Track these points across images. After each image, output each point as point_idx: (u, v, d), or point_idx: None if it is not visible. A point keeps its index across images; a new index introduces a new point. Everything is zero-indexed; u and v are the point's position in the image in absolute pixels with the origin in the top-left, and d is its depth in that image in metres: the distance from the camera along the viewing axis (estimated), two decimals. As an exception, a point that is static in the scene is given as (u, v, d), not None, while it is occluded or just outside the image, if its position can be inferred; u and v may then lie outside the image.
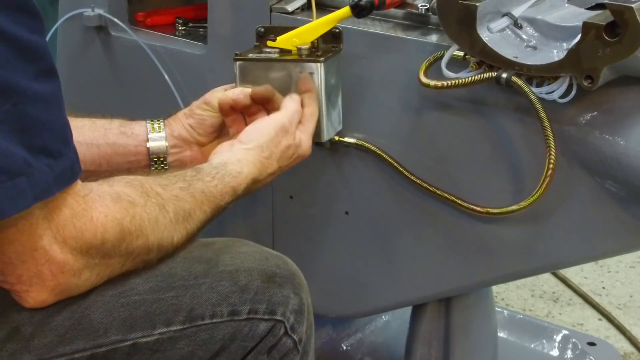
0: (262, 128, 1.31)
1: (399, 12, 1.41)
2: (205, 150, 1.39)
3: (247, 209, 1.62)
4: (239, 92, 1.35)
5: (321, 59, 1.35)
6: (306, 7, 1.46)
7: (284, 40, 1.37)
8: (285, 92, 1.36)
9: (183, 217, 1.14)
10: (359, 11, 1.32)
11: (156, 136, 1.37)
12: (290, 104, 1.33)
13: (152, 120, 1.39)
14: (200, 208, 1.17)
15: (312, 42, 1.36)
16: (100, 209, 1.03)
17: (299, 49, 1.36)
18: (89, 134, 1.37)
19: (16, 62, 0.93)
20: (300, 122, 1.34)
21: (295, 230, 1.58)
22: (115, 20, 1.64)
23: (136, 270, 1.11)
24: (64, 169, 0.99)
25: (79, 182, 1.03)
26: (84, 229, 1.02)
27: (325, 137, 1.39)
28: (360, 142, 1.44)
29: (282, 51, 1.37)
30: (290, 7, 1.45)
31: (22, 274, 1.01)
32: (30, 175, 0.95)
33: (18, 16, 0.93)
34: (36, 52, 0.95)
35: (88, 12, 1.66)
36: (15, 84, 0.93)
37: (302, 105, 1.35)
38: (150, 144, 1.37)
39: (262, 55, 1.37)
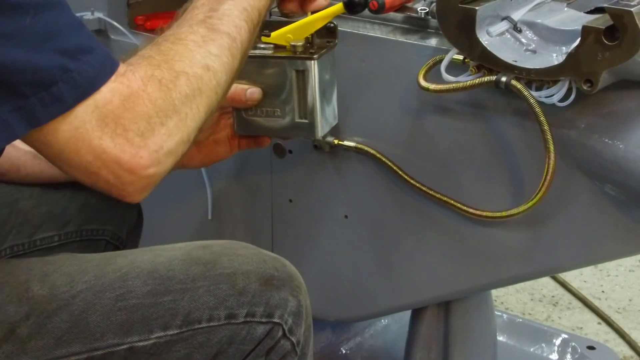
0: None
1: (399, 15, 1.41)
2: (201, 146, 1.40)
3: (247, 212, 1.62)
4: (232, 89, 1.35)
5: (315, 56, 1.34)
6: (305, 10, 1.46)
7: (278, 37, 1.36)
8: (279, 88, 1.35)
9: (207, 28, 1.10)
10: (352, 7, 1.32)
11: None
12: None
13: None
14: (217, 3, 1.13)
15: (307, 38, 1.36)
16: (135, 77, 1.03)
17: (293, 45, 1.35)
18: None
19: None
20: None
21: (294, 234, 1.58)
22: (115, 23, 1.64)
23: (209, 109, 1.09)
24: (104, 59, 1.01)
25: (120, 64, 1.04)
26: (134, 105, 1.01)
27: (320, 133, 1.38)
28: (359, 146, 1.44)
29: (277, 47, 1.37)
30: (289, 11, 1.45)
31: (107, 179, 1.02)
32: (67, 80, 0.97)
33: None
34: None
35: (88, 15, 1.66)
36: None
37: None
38: None
39: (256, 51, 1.37)
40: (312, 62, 1.33)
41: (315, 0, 1.28)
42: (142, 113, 1.01)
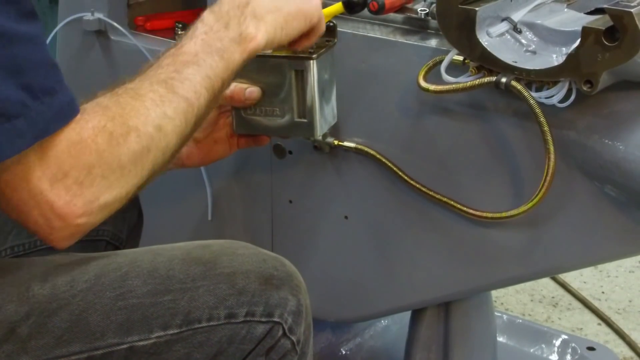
0: None
1: (399, 16, 1.41)
2: (200, 145, 1.40)
3: (247, 212, 1.62)
4: (232, 88, 1.35)
5: (314, 56, 1.33)
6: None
7: None
8: (278, 87, 1.35)
9: (167, 88, 1.09)
10: (351, 7, 1.32)
11: None
12: None
13: None
14: (182, 65, 1.12)
15: None
16: (87, 126, 1.02)
17: None
18: None
19: None
20: None
21: (294, 235, 1.58)
22: (115, 24, 1.64)
23: (164, 168, 1.09)
24: (62, 105, 0.99)
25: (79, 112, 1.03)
26: (80, 153, 1.01)
27: (319, 133, 1.38)
28: (359, 147, 1.44)
29: None
30: (290, 12, 1.45)
31: (37, 220, 1.01)
32: (27, 116, 0.96)
33: None
34: None
35: (88, 16, 1.66)
36: (2, 28, 0.95)
37: None
38: None
39: None
40: (311, 62, 1.33)
41: (301, 42, 1.27)
42: (85, 162, 1.01)
